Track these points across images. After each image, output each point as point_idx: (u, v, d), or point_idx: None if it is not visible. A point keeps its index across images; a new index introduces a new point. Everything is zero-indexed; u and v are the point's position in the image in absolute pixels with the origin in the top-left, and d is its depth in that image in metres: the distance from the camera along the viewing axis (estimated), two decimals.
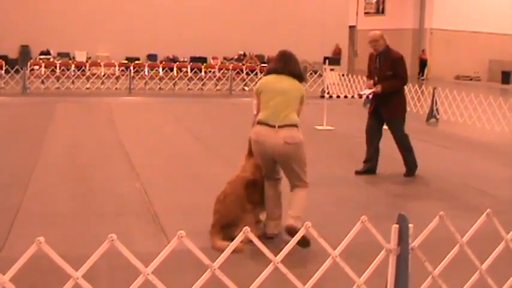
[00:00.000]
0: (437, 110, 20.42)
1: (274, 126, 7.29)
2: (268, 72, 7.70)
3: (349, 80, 27.68)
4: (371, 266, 4.79)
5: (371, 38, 11.32)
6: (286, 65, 7.58)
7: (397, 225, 4.53)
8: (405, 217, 4.50)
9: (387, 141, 11.97)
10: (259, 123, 7.38)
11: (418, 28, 48.08)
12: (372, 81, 11.67)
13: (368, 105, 23.74)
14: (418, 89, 22.77)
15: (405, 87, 11.91)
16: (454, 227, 4.96)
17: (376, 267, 4.78)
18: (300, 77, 7.70)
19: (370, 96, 12.05)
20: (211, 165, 12.47)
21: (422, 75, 44.28)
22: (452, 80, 43.86)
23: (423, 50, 44.60)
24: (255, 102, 7.59)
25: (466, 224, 5.31)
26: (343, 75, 30.54)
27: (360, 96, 15.81)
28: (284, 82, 7.50)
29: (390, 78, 11.28)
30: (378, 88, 11.39)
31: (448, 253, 5.06)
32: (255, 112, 7.58)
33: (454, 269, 5.31)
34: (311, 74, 31.23)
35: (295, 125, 7.50)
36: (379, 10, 52.97)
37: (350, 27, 47.62)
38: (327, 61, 22.50)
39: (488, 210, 5.15)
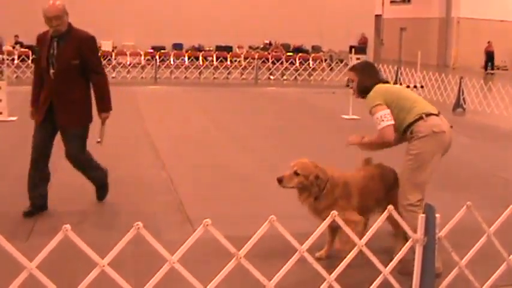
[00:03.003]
0: (464, 99, 20.24)
1: (437, 114, 6.56)
2: (369, 87, 6.81)
3: None
4: (397, 255, 4.77)
5: (52, 13, 7.88)
6: (380, 76, 7.15)
7: (424, 215, 4.51)
8: (432, 207, 4.48)
9: None
10: (428, 115, 6.48)
11: (444, 17, 47.70)
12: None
13: None
14: (444, 78, 22.59)
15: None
16: (481, 217, 4.92)
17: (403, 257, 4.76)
18: None
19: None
20: (237, 154, 12.46)
21: (492, 69, 42.31)
22: (479, 69, 43.47)
23: (489, 42, 42.60)
24: (388, 111, 6.51)
25: (493, 214, 5.27)
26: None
27: None
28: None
29: (74, 69, 7.89)
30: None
31: (475, 243, 5.02)
32: (393, 122, 6.49)
33: (481, 260, 5.27)
34: (337, 63, 31.11)
35: None
36: None
37: (376, 16, 47.39)
38: (353, 50, 22.38)
39: None
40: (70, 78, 7.88)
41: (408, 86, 21.94)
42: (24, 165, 10.85)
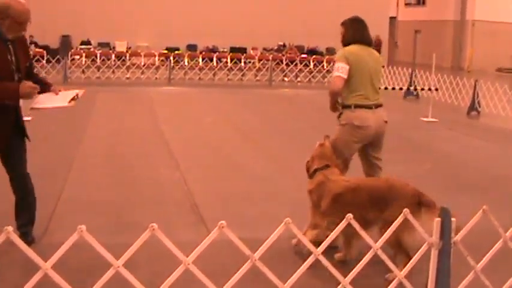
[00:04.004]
0: (478, 102, 20.15)
1: (371, 107, 7.25)
2: (350, 42, 7.38)
3: (390, 72, 27.45)
4: (412, 259, 4.74)
5: (29, 16, 6.83)
6: (364, 34, 7.44)
7: (439, 219, 4.48)
8: (448, 210, 4.45)
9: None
10: (358, 106, 7.19)
11: (459, 20, 47.55)
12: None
13: (409, 98, 23.73)
14: (459, 81, 22.50)
15: None
16: (497, 221, 4.89)
17: (418, 261, 4.74)
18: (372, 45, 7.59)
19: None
20: (251, 155, 12.46)
21: None
22: (493, 72, 43.28)
23: None
24: (347, 67, 7.08)
25: (509, 218, 5.24)
26: (383, 66, 30.26)
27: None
28: (369, 55, 7.36)
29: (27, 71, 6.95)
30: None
31: (491, 248, 4.99)
32: (344, 76, 7.07)
33: (497, 264, 5.24)
34: None
35: (382, 105, 7.50)
36: (420, 1, 52.50)
37: (390, 18, 47.26)
38: None
39: None
40: None
41: (423, 89, 21.87)
42: (38, 165, 10.90)
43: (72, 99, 7.18)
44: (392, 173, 10.10)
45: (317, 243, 4.75)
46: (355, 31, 7.40)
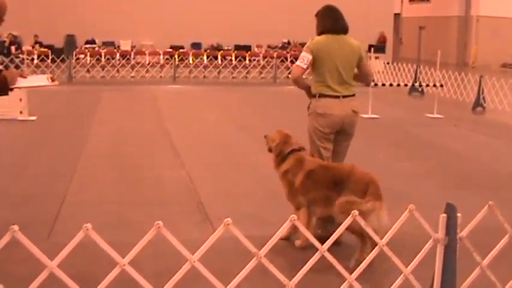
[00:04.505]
0: (483, 98, 20.11)
1: (338, 97, 7.12)
2: (321, 32, 7.39)
3: (394, 68, 27.41)
4: (418, 255, 4.73)
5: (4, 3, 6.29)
6: (335, 22, 7.36)
7: (445, 215, 4.47)
8: (454, 206, 4.44)
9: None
10: (322, 95, 7.17)
11: (464, 15, 47.43)
12: None
13: (414, 94, 23.69)
14: (464, 77, 22.46)
15: None
16: (502, 217, 4.88)
17: (423, 257, 4.73)
18: (348, 31, 7.44)
19: None
20: (256, 153, 12.43)
21: None
22: (498, 68, 43.17)
23: None
24: (310, 57, 7.16)
25: None
26: (387, 63, 30.28)
27: None
28: (340, 45, 7.23)
29: None
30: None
31: (497, 244, 4.98)
32: (303, 66, 7.20)
33: (503, 260, 5.23)
34: None
35: (354, 95, 7.31)
36: None
37: (395, 14, 47.17)
38: (371, 49, 22.29)
39: None
40: None
41: (428, 85, 21.84)
42: (43, 164, 10.94)
43: (52, 79, 7.14)
44: (398, 169, 10.13)
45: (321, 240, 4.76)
46: (326, 20, 7.37)
